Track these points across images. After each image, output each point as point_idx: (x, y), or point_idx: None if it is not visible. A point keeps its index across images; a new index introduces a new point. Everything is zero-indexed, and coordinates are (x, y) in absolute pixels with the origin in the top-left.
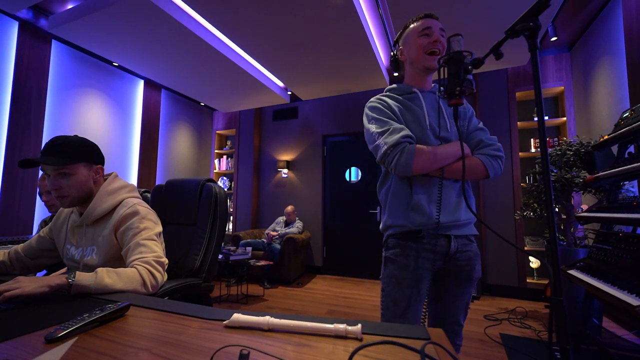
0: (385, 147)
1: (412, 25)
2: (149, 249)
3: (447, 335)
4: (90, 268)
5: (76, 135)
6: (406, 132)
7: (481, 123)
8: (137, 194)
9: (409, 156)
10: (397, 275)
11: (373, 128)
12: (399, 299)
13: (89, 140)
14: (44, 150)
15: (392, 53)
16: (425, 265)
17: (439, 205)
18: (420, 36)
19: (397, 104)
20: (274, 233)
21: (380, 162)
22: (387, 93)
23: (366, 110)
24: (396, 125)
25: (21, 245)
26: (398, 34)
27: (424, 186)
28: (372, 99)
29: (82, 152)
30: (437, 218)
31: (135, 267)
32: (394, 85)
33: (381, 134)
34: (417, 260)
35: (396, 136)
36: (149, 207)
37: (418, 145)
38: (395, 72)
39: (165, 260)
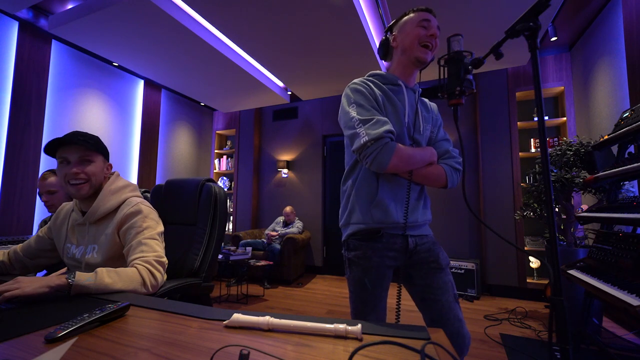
0: (366, 138)
1: (411, 15)
2: (151, 248)
3: (452, 337)
4: (91, 267)
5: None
6: (389, 126)
7: (447, 134)
8: (139, 193)
9: (388, 154)
10: (361, 277)
11: (353, 113)
12: (368, 300)
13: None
14: (68, 137)
15: (383, 37)
16: (387, 263)
17: (406, 207)
18: (417, 26)
19: (380, 92)
20: (274, 233)
21: (356, 152)
22: (371, 79)
23: (347, 91)
24: (380, 117)
25: (20, 245)
26: (393, 21)
27: (391, 184)
28: (355, 81)
29: (101, 146)
30: (404, 220)
31: (135, 267)
32: (381, 72)
33: (363, 122)
34: (379, 260)
35: (380, 130)
36: (151, 206)
37: (398, 144)
38: (383, 59)
39: (165, 260)
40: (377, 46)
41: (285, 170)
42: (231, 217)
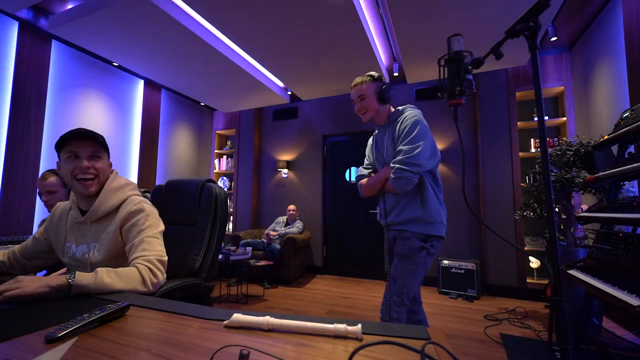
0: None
1: None
2: (152, 247)
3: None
4: (92, 265)
5: None
6: (360, 172)
7: (402, 144)
8: (139, 192)
9: (359, 188)
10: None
11: None
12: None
13: None
14: (79, 131)
15: None
16: (388, 247)
17: (384, 212)
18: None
19: (374, 139)
20: (274, 233)
21: None
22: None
23: None
24: (365, 164)
25: (18, 245)
26: None
27: (381, 198)
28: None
29: (106, 145)
30: (386, 220)
31: (135, 266)
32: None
33: None
34: (387, 243)
35: (357, 174)
36: (152, 205)
37: (362, 180)
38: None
39: (166, 258)
40: (377, 47)
41: (285, 170)
42: (231, 217)
